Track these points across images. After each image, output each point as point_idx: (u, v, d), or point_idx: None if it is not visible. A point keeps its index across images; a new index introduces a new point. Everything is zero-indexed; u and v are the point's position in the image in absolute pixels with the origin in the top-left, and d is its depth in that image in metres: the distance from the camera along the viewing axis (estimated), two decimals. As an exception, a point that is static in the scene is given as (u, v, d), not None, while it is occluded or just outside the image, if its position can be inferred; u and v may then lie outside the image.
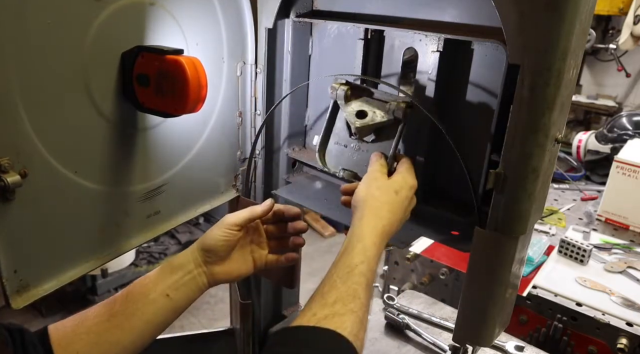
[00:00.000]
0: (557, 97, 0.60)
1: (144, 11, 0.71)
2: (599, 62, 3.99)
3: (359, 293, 0.64)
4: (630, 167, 1.67)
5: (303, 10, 0.94)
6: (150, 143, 0.79)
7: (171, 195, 0.85)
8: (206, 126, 0.89)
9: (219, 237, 0.80)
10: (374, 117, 0.80)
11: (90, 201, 0.71)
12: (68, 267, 0.71)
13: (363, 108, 0.81)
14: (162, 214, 0.85)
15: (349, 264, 0.66)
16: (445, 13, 0.80)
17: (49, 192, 0.65)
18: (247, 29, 0.92)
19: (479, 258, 0.72)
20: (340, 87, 0.83)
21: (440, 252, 1.50)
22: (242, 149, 1.00)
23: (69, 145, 0.66)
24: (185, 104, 0.68)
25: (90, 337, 0.72)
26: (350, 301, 0.62)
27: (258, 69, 0.95)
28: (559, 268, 1.44)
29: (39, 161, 0.62)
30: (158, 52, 0.68)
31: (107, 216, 0.75)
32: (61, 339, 0.70)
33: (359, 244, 0.68)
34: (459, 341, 0.81)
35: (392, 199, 0.74)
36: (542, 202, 0.72)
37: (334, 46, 0.95)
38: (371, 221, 0.71)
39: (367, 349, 1.14)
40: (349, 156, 0.86)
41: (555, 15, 0.57)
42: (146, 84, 0.69)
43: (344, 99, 0.83)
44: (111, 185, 0.74)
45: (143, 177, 0.80)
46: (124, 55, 0.69)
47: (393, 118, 0.79)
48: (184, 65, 0.66)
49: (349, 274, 0.65)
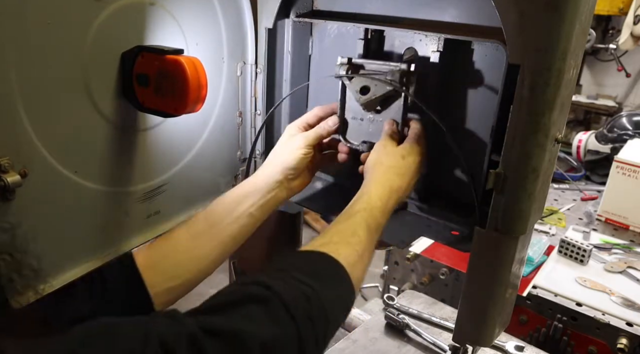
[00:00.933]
0: (557, 97, 0.60)
1: (143, 11, 0.71)
2: (599, 62, 3.99)
3: (358, 231, 0.67)
4: (630, 167, 1.67)
5: (303, 10, 0.94)
6: (150, 143, 0.79)
7: (171, 195, 0.85)
8: (206, 125, 0.89)
9: (302, 156, 0.85)
10: (376, 91, 0.82)
11: (90, 201, 0.71)
12: (68, 267, 0.71)
13: (365, 83, 0.83)
14: (162, 214, 0.84)
15: (350, 212, 0.71)
16: (445, 13, 0.80)
17: (49, 192, 0.64)
18: (247, 29, 0.92)
19: (479, 258, 0.72)
20: (341, 66, 0.84)
21: (440, 252, 1.50)
22: (242, 149, 1.00)
23: (69, 145, 0.66)
24: (185, 104, 0.67)
25: (176, 256, 0.77)
26: (349, 235, 0.66)
27: (258, 69, 0.95)
28: (559, 267, 1.44)
29: (38, 160, 0.62)
30: (158, 52, 0.68)
31: (107, 216, 0.75)
32: (147, 260, 0.74)
33: (364, 197, 0.73)
34: (459, 341, 0.81)
35: (398, 164, 0.78)
36: (542, 202, 0.72)
37: (334, 46, 0.95)
38: (377, 182, 0.76)
39: (367, 349, 1.14)
40: (366, 128, 0.88)
41: (555, 15, 0.57)
42: (146, 84, 0.69)
43: (347, 78, 0.84)
44: (111, 185, 0.74)
45: (143, 177, 0.79)
46: (124, 55, 0.69)
47: (392, 88, 0.80)
48: (184, 65, 0.66)
49: (349, 217, 0.69)
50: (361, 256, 0.65)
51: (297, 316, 0.52)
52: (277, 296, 0.52)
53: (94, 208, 0.72)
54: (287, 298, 0.52)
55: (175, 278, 0.76)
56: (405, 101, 0.83)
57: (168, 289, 0.75)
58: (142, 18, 0.71)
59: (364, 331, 1.19)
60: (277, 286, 0.53)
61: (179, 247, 0.77)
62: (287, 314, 0.51)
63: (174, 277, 0.76)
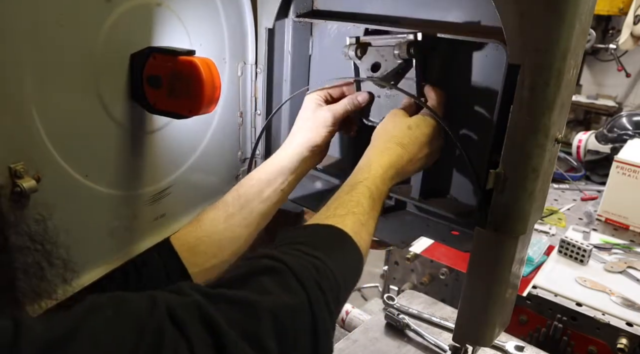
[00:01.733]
0: (557, 97, 0.60)
1: (151, 12, 0.71)
2: (599, 62, 3.98)
3: (362, 201, 0.68)
4: (630, 167, 1.67)
5: (303, 10, 0.95)
6: (157, 145, 0.78)
7: (176, 197, 0.85)
8: (209, 126, 0.89)
9: (329, 134, 0.85)
10: (386, 67, 0.81)
11: (100, 205, 0.70)
12: (80, 273, 0.70)
13: (376, 60, 0.82)
14: (167, 216, 0.84)
15: (352, 183, 0.71)
16: (445, 13, 0.80)
17: (61, 197, 0.63)
18: (247, 29, 0.92)
19: (479, 258, 0.72)
20: (349, 47, 0.83)
21: (440, 252, 1.50)
22: (242, 149, 1.00)
23: (80, 148, 0.65)
24: (199, 105, 0.67)
25: (211, 238, 0.79)
26: (353, 206, 0.66)
27: (258, 69, 0.95)
28: (559, 268, 1.44)
29: (51, 165, 0.61)
30: (171, 53, 0.67)
31: (116, 220, 0.74)
32: (184, 244, 0.78)
33: (365, 167, 0.73)
34: (459, 341, 0.81)
35: (403, 133, 0.77)
36: (542, 202, 0.72)
37: (334, 46, 0.95)
38: (378, 150, 0.75)
39: (367, 349, 1.14)
40: (385, 104, 0.87)
41: (555, 16, 0.57)
42: (158, 86, 0.68)
43: (356, 57, 0.83)
44: (120, 188, 0.73)
45: (151, 179, 0.79)
46: (134, 57, 0.69)
47: (402, 61, 0.79)
48: (199, 66, 0.65)
49: (352, 188, 0.69)
50: (364, 223, 0.66)
51: (307, 284, 0.52)
52: (287, 267, 0.53)
53: (103, 212, 0.72)
54: (296, 269, 0.53)
55: (212, 258, 0.79)
56: (418, 71, 0.80)
57: (207, 269, 0.79)
58: (150, 19, 0.71)
59: (364, 331, 1.19)
60: (286, 258, 0.54)
61: (213, 229, 0.80)
62: (297, 283, 0.52)
63: (212, 257, 0.79)
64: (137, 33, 0.69)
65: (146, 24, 0.70)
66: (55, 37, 0.58)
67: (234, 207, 0.82)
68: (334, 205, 0.68)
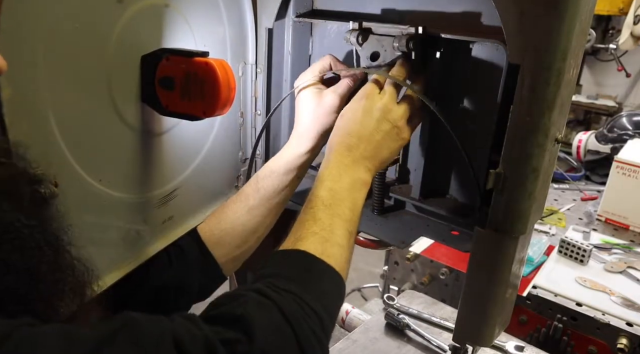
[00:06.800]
0: (557, 97, 0.60)
1: (159, 13, 0.70)
2: (599, 62, 3.98)
3: (318, 215, 0.67)
4: (630, 167, 1.67)
5: (303, 10, 0.94)
6: (165, 147, 0.78)
7: (183, 199, 0.85)
8: (213, 127, 0.89)
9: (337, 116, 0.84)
10: (385, 57, 0.80)
11: (113, 209, 0.70)
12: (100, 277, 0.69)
13: (375, 49, 0.82)
14: (174, 219, 0.84)
15: (308, 198, 0.70)
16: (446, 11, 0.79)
17: (76, 202, 0.63)
18: (248, 29, 0.92)
19: (479, 258, 0.72)
20: (351, 33, 0.82)
21: (440, 252, 1.50)
22: (243, 150, 1.00)
23: (94, 152, 0.64)
24: (215, 107, 0.66)
25: (235, 230, 0.85)
26: (311, 224, 0.66)
27: (258, 69, 0.95)
28: (559, 267, 1.44)
29: (67, 170, 0.61)
30: (185, 54, 0.67)
31: (128, 224, 0.74)
32: (211, 236, 0.84)
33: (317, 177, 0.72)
34: (459, 341, 0.81)
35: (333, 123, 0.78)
36: (542, 202, 0.72)
37: (334, 46, 0.95)
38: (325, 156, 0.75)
39: (367, 349, 1.14)
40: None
41: (555, 15, 0.57)
42: (171, 87, 0.67)
43: (357, 43, 0.82)
44: (131, 192, 0.73)
45: (159, 182, 0.79)
46: (145, 58, 0.68)
47: (401, 53, 0.78)
48: (215, 67, 0.65)
49: (307, 203, 0.70)
50: (327, 238, 0.64)
51: (293, 320, 0.53)
52: (275, 304, 0.54)
53: (116, 217, 0.71)
54: (281, 305, 0.54)
55: (237, 248, 0.86)
56: (417, 65, 0.79)
57: (233, 258, 0.86)
58: (159, 20, 0.70)
59: (364, 331, 1.19)
60: (271, 294, 0.55)
61: (237, 221, 0.85)
62: (283, 319, 0.52)
63: (237, 248, 0.85)
64: (147, 34, 0.69)
65: (155, 25, 0.70)
66: (70, 39, 0.58)
67: (255, 200, 0.85)
68: (295, 228, 0.66)
